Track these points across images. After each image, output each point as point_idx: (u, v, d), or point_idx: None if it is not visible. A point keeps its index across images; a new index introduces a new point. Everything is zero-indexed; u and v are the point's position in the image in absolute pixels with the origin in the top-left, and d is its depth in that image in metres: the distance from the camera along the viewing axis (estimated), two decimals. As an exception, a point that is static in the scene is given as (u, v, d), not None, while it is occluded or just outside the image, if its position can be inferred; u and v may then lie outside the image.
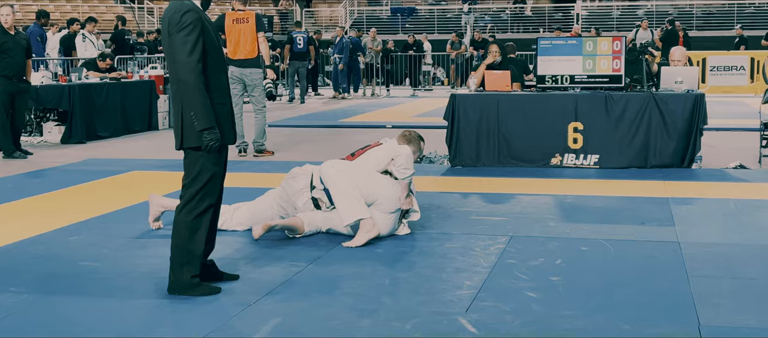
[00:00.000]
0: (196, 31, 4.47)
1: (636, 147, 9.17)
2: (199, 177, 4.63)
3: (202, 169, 4.62)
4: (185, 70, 4.47)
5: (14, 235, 6.14)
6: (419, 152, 6.42)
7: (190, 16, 4.49)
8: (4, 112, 10.56)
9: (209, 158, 4.62)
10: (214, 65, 4.61)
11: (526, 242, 5.91)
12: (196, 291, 4.64)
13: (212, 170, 4.63)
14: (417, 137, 6.42)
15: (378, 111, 17.84)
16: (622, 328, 4.12)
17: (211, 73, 4.58)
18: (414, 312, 4.38)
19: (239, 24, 10.35)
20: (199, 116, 4.50)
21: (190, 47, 4.46)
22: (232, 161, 10.05)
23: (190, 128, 4.57)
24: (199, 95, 4.48)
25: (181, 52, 4.47)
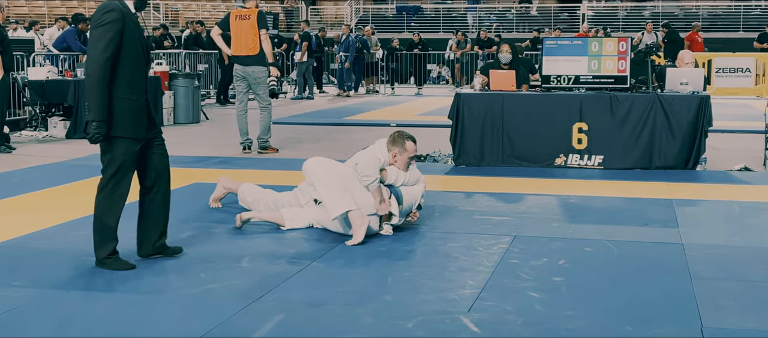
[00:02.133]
0: (112, 30, 4.91)
1: (640, 148, 9.16)
2: (110, 165, 5.08)
3: (111, 158, 5.07)
4: (92, 65, 4.91)
5: (18, 229, 6.15)
6: (405, 152, 6.13)
7: (110, 16, 4.93)
8: (6, 107, 10.63)
9: (116, 147, 5.03)
10: (133, 64, 5.03)
11: (529, 242, 5.91)
12: (114, 265, 5.09)
13: (120, 160, 5.05)
14: (402, 137, 6.17)
15: (382, 109, 17.84)
16: (625, 329, 4.11)
17: (128, 70, 5.00)
18: (416, 310, 4.38)
19: (241, 20, 10.37)
20: (91, 107, 4.93)
21: (103, 44, 4.89)
22: (236, 158, 10.07)
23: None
24: (97, 89, 4.89)
25: (93, 48, 4.92)
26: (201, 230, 6.19)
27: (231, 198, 7.09)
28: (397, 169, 6.17)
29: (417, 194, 6.25)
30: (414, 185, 6.26)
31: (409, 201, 6.20)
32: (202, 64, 19.36)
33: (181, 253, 5.47)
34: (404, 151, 6.16)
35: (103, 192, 5.12)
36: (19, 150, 10.83)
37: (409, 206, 6.23)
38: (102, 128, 4.94)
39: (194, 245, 5.75)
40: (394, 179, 6.15)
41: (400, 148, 6.15)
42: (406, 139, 6.17)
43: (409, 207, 6.23)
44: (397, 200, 6.12)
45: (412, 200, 6.23)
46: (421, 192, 6.29)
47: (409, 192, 6.21)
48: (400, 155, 6.16)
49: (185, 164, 9.55)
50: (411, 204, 6.23)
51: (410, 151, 6.19)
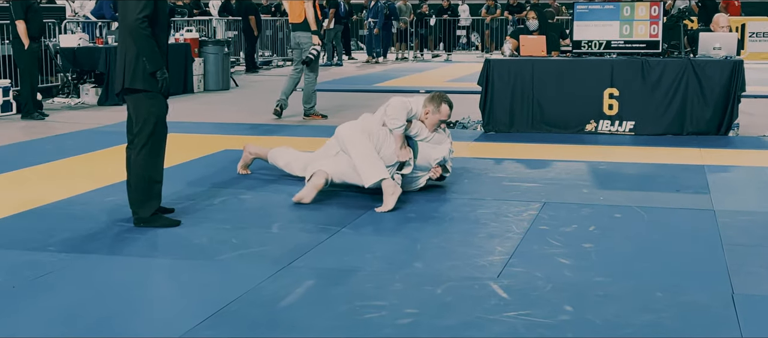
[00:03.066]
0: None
1: (672, 114, 9.08)
2: (148, 122, 5.26)
3: (148, 114, 5.26)
4: (138, 24, 5.16)
5: (53, 195, 6.23)
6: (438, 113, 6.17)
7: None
8: (37, 74, 10.72)
9: (152, 103, 5.25)
10: (160, 25, 5.28)
11: (558, 208, 5.89)
12: (158, 222, 5.30)
13: (156, 115, 5.27)
14: (440, 98, 6.23)
15: (411, 76, 17.79)
16: (655, 295, 4.10)
17: (156, 31, 5.24)
18: (445, 276, 4.40)
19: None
20: (149, 60, 5.18)
21: (142, 5, 5.16)
22: (265, 124, 10.10)
23: (129, 71, 5.22)
24: (147, 43, 5.19)
25: (133, 10, 5.18)
26: (232, 196, 6.24)
27: (259, 164, 7.13)
28: (422, 125, 6.19)
29: (433, 157, 6.24)
30: (433, 147, 6.25)
31: (422, 160, 6.21)
32: (231, 31, 19.38)
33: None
34: (437, 112, 6.19)
35: (143, 150, 5.27)
36: (52, 117, 10.94)
37: (424, 165, 6.23)
38: (165, 73, 5.24)
39: (225, 212, 5.80)
40: (416, 132, 6.17)
41: (434, 107, 6.19)
42: (443, 101, 6.21)
43: (423, 166, 6.24)
44: (414, 153, 6.15)
45: (425, 161, 6.23)
46: (442, 155, 6.27)
47: (426, 150, 6.21)
48: (433, 115, 6.19)
49: (215, 131, 9.60)
50: (425, 164, 6.23)
51: (443, 114, 6.21)
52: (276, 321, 3.80)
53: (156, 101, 5.28)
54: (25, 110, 10.74)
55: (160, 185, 5.39)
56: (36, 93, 10.86)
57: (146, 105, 5.26)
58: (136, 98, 5.28)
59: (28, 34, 10.52)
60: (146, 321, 3.78)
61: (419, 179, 6.31)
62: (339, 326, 3.71)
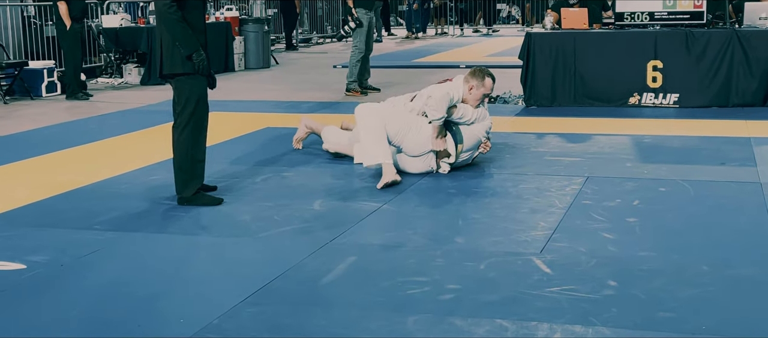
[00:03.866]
0: None
1: (717, 85, 8.94)
2: (189, 102, 5.31)
3: (189, 94, 5.31)
4: (166, 8, 5.18)
5: (97, 175, 6.31)
6: (483, 87, 6.15)
7: None
8: (79, 54, 10.83)
9: (193, 84, 5.29)
10: (191, 5, 5.28)
11: (602, 182, 5.84)
12: (201, 201, 5.36)
13: (197, 95, 5.32)
14: (483, 72, 6.20)
15: (452, 51, 17.71)
16: (701, 269, 4.06)
17: (189, 12, 5.25)
18: (488, 252, 4.39)
19: None
20: (182, 44, 5.20)
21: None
22: (305, 101, 10.13)
23: (168, 57, 5.27)
24: (179, 27, 5.19)
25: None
26: (274, 174, 6.27)
27: (312, 139, 7.17)
28: (465, 106, 6.16)
29: (480, 132, 6.22)
30: (478, 124, 6.22)
31: (470, 141, 6.19)
32: (271, 9, 19.42)
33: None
34: (482, 86, 6.17)
35: (186, 130, 5.33)
36: (96, 97, 11.07)
37: (474, 144, 6.21)
38: (201, 55, 5.24)
39: (268, 189, 5.83)
40: (461, 115, 6.13)
41: (478, 81, 6.17)
42: (486, 75, 6.20)
43: (473, 145, 6.22)
44: (455, 140, 6.10)
45: (474, 140, 6.21)
46: (485, 129, 6.25)
47: (471, 131, 6.18)
48: (477, 90, 6.16)
49: (257, 109, 9.65)
50: (474, 143, 6.21)
51: (487, 87, 6.20)
52: (318, 297, 3.82)
53: (196, 81, 5.31)
54: (69, 90, 10.88)
55: (202, 164, 5.44)
56: (79, 74, 11.00)
57: (187, 86, 5.30)
58: (177, 80, 5.32)
59: (70, 15, 10.63)
60: (191, 298, 3.82)
61: (469, 158, 6.30)
62: (381, 302, 3.72)
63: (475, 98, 6.18)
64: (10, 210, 5.35)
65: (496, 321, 3.47)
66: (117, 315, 3.63)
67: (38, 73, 11.23)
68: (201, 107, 5.35)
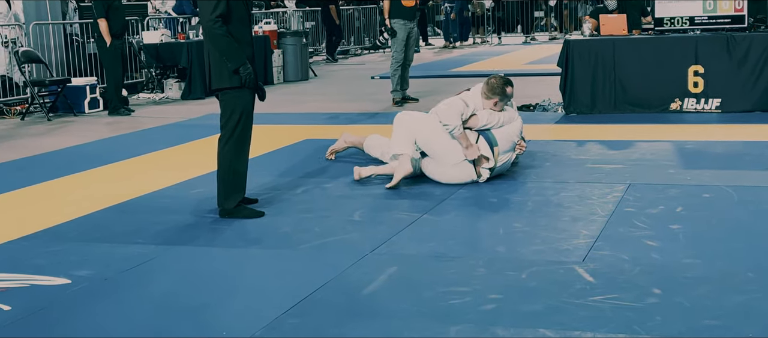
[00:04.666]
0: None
1: (760, 90, 8.82)
2: (233, 115, 5.35)
3: (234, 107, 5.34)
4: (211, 25, 5.23)
5: (139, 189, 6.38)
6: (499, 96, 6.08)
7: None
8: (120, 70, 10.98)
9: (238, 98, 5.32)
10: (237, 19, 5.32)
11: (644, 189, 5.78)
12: (242, 213, 5.40)
13: (241, 108, 5.35)
14: (500, 84, 6.10)
15: (490, 60, 17.66)
16: (747, 276, 4.00)
17: (234, 26, 5.30)
18: (529, 261, 4.36)
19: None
20: (229, 58, 5.25)
21: (213, 6, 5.21)
22: (344, 113, 10.16)
23: (216, 72, 5.32)
24: (225, 42, 5.25)
25: (204, 11, 5.26)
26: (315, 185, 6.29)
27: (348, 152, 7.19)
28: (489, 112, 6.14)
29: (513, 134, 6.19)
30: (509, 125, 6.19)
31: (506, 143, 6.15)
32: (309, 22, 19.53)
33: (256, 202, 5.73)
34: (505, 97, 6.13)
35: (229, 142, 5.38)
36: (138, 112, 11.21)
37: (510, 146, 6.18)
38: (248, 68, 5.29)
39: (308, 200, 5.86)
40: (486, 122, 6.11)
41: (501, 95, 6.10)
42: (505, 85, 6.13)
43: (510, 147, 6.19)
44: (490, 144, 6.08)
45: (510, 142, 6.18)
46: (518, 129, 6.22)
47: (505, 133, 6.16)
48: (500, 103, 6.13)
49: (296, 121, 9.70)
50: (510, 145, 6.18)
51: (509, 93, 6.16)
52: (360, 307, 3.83)
53: (242, 95, 5.35)
54: (111, 106, 11.03)
55: (244, 177, 5.48)
56: (121, 90, 11.13)
57: (233, 99, 5.36)
58: (224, 93, 5.38)
59: (110, 32, 10.79)
60: (235, 310, 3.85)
61: (508, 162, 6.27)
62: (423, 312, 3.72)
63: (500, 106, 6.15)
64: (55, 225, 5.43)
65: (538, 331, 3.45)
66: (160, 328, 3.66)
67: (81, 89, 11.39)
68: (245, 120, 5.39)
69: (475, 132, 6.09)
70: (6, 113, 11.19)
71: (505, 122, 6.17)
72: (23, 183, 6.79)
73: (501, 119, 6.15)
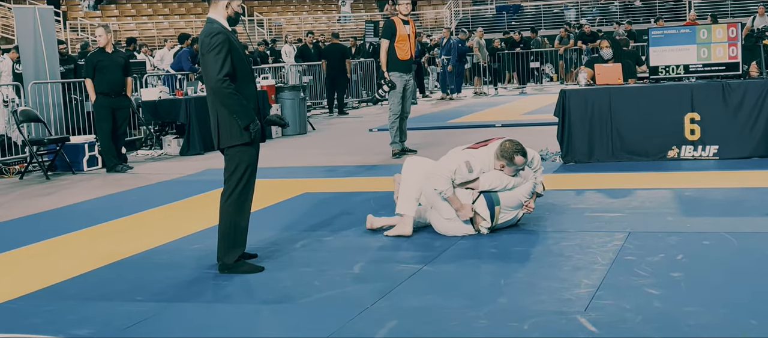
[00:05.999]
0: (223, 51, 5.22)
1: (757, 136, 8.86)
2: (238, 169, 5.36)
3: (239, 162, 5.37)
4: (217, 85, 5.24)
5: (139, 245, 6.36)
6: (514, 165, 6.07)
7: (218, 39, 5.24)
8: (107, 126, 10.97)
9: (244, 152, 5.35)
10: (242, 76, 5.36)
11: (644, 238, 5.78)
12: (242, 268, 5.39)
13: (246, 163, 5.38)
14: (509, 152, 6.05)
15: (487, 110, 17.75)
16: (749, 324, 3.98)
17: (240, 83, 5.33)
18: (531, 311, 4.34)
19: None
20: (238, 116, 5.27)
21: (219, 66, 5.22)
22: (342, 166, 10.17)
23: (225, 130, 5.34)
24: (233, 100, 5.26)
25: (211, 70, 5.24)
26: (314, 239, 6.28)
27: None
28: (498, 174, 6.13)
29: (522, 195, 6.17)
30: (520, 187, 6.18)
31: (512, 202, 6.14)
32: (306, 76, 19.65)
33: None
34: (513, 165, 6.10)
35: (232, 197, 5.38)
36: (137, 169, 11.21)
37: (516, 205, 6.17)
38: (256, 124, 5.33)
39: (307, 254, 5.84)
40: (490, 185, 6.10)
41: (508, 162, 6.09)
42: (515, 154, 6.06)
43: (515, 205, 6.17)
44: (491, 203, 6.07)
45: (516, 201, 6.16)
46: (528, 190, 6.21)
47: (512, 194, 6.15)
48: (508, 168, 6.12)
49: (294, 175, 9.71)
50: (516, 204, 6.17)
51: (519, 164, 6.10)
52: (362, 362, 3.79)
53: (248, 150, 5.37)
54: (108, 163, 11.03)
55: (245, 232, 5.47)
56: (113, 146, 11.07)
57: (239, 154, 5.36)
58: (230, 149, 5.39)
59: (97, 90, 10.88)
60: (234, 366, 3.81)
61: (514, 218, 6.25)
62: (425, 365, 3.68)
63: (509, 171, 6.14)
64: (54, 284, 5.41)
65: (542, 382, 3.41)
66: (161, 385, 3.62)
67: (79, 147, 11.41)
68: (249, 175, 5.40)
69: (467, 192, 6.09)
70: (5, 173, 11.19)
71: (516, 184, 6.16)
72: (21, 242, 6.77)
73: (511, 182, 6.14)
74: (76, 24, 32.71)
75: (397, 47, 10.66)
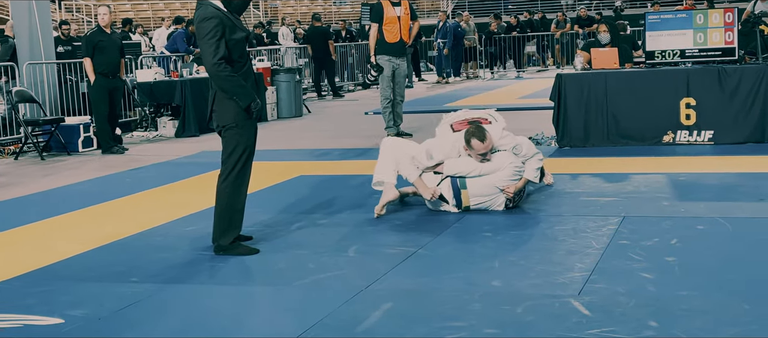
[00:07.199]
0: (216, 35, 5.20)
1: (752, 121, 8.86)
2: (235, 151, 5.34)
3: (237, 144, 5.33)
4: (215, 69, 5.22)
5: (133, 227, 6.36)
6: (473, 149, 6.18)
7: (211, 23, 5.21)
8: (104, 108, 10.93)
9: (242, 134, 5.32)
10: (238, 58, 5.34)
11: (639, 222, 5.79)
12: (237, 250, 5.38)
13: (244, 145, 5.35)
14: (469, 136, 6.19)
15: (483, 94, 17.74)
16: (742, 308, 3.99)
17: (237, 66, 5.32)
18: (525, 295, 4.35)
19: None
20: (239, 97, 5.25)
21: (213, 50, 5.21)
22: (337, 149, 10.17)
23: (222, 110, 5.31)
24: (231, 82, 5.25)
25: (206, 56, 5.24)
26: (309, 222, 6.28)
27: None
28: (464, 160, 6.25)
29: (499, 182, 6.17)
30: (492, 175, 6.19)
31: (484, 189, 6.21)
32: (301, 59, 19.62)
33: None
34: (472, 149, 6.22)
35: (228, 178, 5.36)
36: (132, 151, 11.20)
37: (489, 192, 6.21)
38: (258, 103, 5.32)
39: (303, 237, 5.84)
40: (455, 170, 6.24)
41: (468, 146, 6.23)
42: (471, 137, 6.19)
43: (488, 193, 6.21)
44: (456, 188, 6.21)
45: (489, 188, 6.21)
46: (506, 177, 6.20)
47: (483, 181, 6.21)
48: (471, 152, 6.23)
49: (290, 158, 9.71)
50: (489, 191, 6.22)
51: (477, 149, 6.19)
52: (356, 344, 3.80)
53: (245, 132, 5.35)
54: (103, 145, 11.01)
55: (241, 214, 5.46)
56: (109, 127, 11.05)
57: (237, 135, 5.34)
58: (228, 129, 5.36)
59: (97, 71, 10.82)
60: (228, 348, 3.82)
61: (493, 203, 6.27)
62: (419, 348, 3.69)
63: (475, 157, 6.23)
64: (49, 265, 5.41)
65: (535, 365, 3.43)
66: (155, 366, 3.63)
67: (74, 128, 11.39)
68: (246, 157, 5.38)
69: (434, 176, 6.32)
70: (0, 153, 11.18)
71: (489, 171, 6.19)
72: (16, 223, 6.77)
73: (481, 168, 6.21)
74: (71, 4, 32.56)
75: (385, 30, 10.56)
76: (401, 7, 10.66)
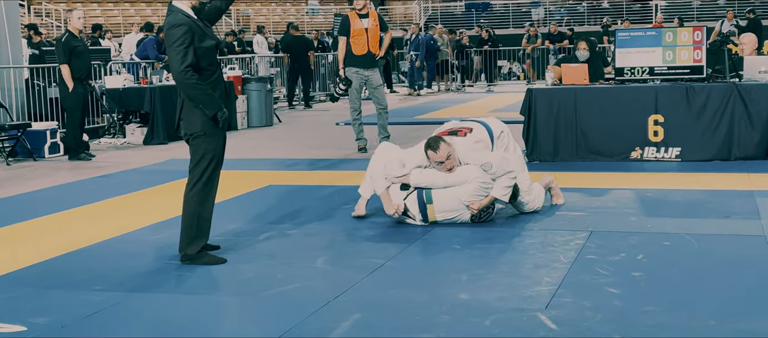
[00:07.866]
0: (184, 43, 5.18)
1: (719, 139, 8.95)
2: (203, 160, 5.32)
3: (205, 152, 5.32)
4: (182, 76, 5.19)
5: (99, 234, 6.30)
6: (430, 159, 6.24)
7: (180, 30, 5.19)
8: (79, 114, 10.84)
9: (210, 143, 5.30)
10: (207, 65, 5.31)
11: (606, 237, 5.82)
12: (204, 259, 5.35)
13: (212, 153, 5.33)
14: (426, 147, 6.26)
15: (453, 107, 17.78)
16: (708, 324, 4.02)
17: (205, 74, 5.28)
18: (492, 308, 4.36)
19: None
20: (205, 105, 5.22)
21: (180, 57, 5.18)
22: (306, 159, 10.15)
23: (190, 118, 5.28)
24: (198, 90, 5.21)
25: (174, 62, 5.21)
26: (278, 233, 6.26)
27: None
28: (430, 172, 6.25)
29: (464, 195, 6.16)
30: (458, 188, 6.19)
31: (450, 204, 6.20)
32: (273, 68, 19.56)
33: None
34: (429, 159, 6.26)
35: (196, 187, 5.33)
36: (99, 157, 11.10)
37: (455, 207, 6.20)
38: (223, 111, 5.30)
39: (271, 247, 5.82)
40: (419, 181, 6.26)
41: (427, 157, 6.27)
42: (427, 148, 6.25)
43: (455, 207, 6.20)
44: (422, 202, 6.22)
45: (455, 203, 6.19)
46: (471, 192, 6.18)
47: (449, 194, 6.20)
48: (430, 161, 6.26)
49: (259, 167, 9.67)
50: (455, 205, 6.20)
51: (433, 159, 6.22)
52: (323, 356, 3.78)
53: (213, 140, 5.31)
54: (71, 151, 10.91)
55: (208, 223, 5.43)
56: (82, 134, 11.01)
57: (204, 144, 5.31)
58: (195, 138, 5.32)
59: (73, 77, 10.70)
60: (194, 358, 3.79)
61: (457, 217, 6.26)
62: (386, 360, 3.68)
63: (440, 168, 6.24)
64: (12, 272, 5.34)
65: (502, 379, 3.43)
66: (119, 376, 3.59)
67: (41, 134, 11.28)
68: (214, 166, 5.35)
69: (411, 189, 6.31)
70: (-35, 157, 11.04)
71: (454, 183, 6.19)
72: (-20, 228, 6.67)
73: (446, 180, 6.21)
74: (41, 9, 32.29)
75: (352, 42, 10.51)
76: (369, 19, 10.59)
